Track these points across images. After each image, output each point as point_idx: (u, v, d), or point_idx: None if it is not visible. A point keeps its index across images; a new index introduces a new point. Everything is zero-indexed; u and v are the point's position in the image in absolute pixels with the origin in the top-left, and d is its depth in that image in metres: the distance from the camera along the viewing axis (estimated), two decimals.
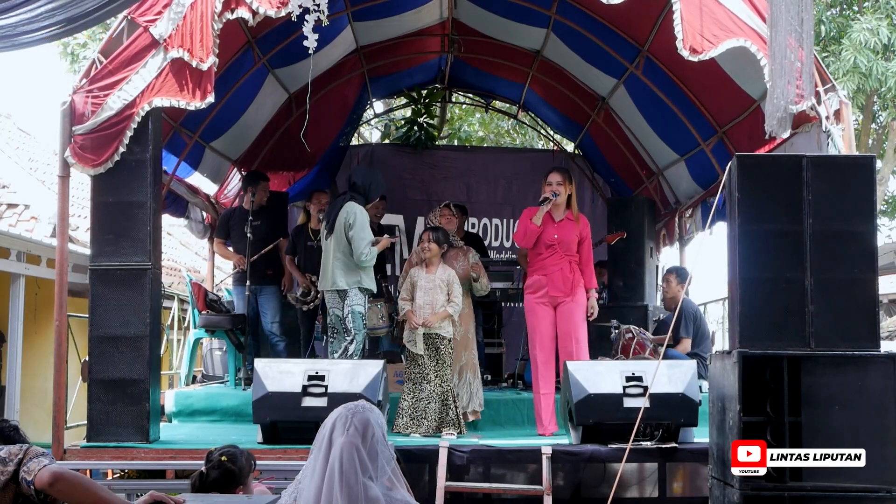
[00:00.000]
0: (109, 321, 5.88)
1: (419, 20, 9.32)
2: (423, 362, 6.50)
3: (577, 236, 6.62)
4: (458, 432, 6.47)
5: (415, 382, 6.54)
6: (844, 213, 4.73)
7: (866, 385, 4.55)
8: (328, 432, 2.49)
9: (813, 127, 5.94)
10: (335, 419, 2.51)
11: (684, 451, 5.84)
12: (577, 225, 6.64)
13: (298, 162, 9.87)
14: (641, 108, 8.91)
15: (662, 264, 10.01)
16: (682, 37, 5.85)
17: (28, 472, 2.91)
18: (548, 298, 6.55)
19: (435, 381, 6.48)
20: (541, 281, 6.57)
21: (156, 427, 6.06)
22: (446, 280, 6.61)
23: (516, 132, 17.02)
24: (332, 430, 2.48)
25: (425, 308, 6.53)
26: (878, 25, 11.49)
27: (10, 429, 3.52)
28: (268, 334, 8.31)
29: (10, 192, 10.48)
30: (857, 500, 4.48)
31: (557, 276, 6.54)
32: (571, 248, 6.58)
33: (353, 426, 2.48)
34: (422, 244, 6.63)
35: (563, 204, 6.65)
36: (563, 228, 6.62)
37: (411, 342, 6.53)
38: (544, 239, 6.59)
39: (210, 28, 5.79)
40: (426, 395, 6.46)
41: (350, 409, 2.54)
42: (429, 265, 6.64)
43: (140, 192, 5.90)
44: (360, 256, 6.49)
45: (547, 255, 6.58)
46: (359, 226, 6.52)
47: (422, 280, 6.60)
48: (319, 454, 2.47)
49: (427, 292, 6.56)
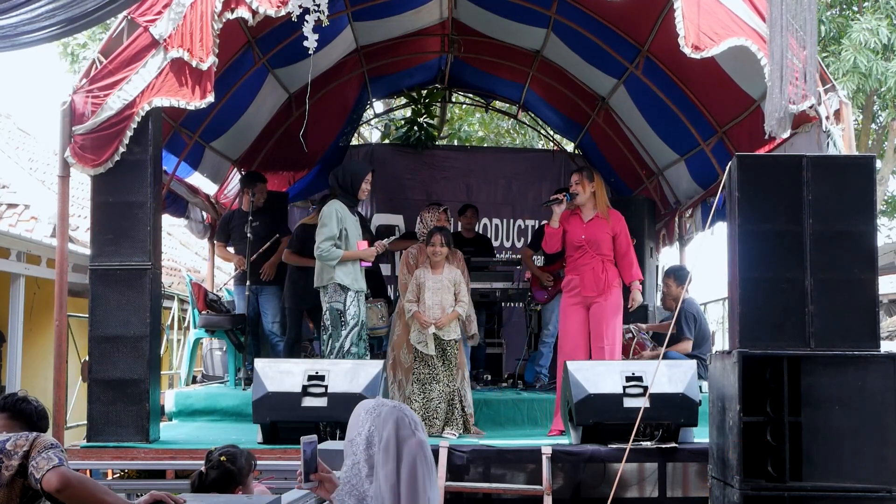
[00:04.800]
0: (109, 321, 5.88)
1: (419, 20, 9.32)
2: (434, 363, 6.49)
3: (608, 234, 6.59)
4: (462, 432, 6.46)
5: (424, 383, 6.49)
6: (844, 213, 4.73)
7: (866, 385, 4.55)
8: (393, 431, 2.40)
9: (813, 127, 5.94)
10: (387, 417, 2.41)
11: (684, 451, 5.84)
12: (607, 222, 6.62)
13: (298, 162, 9.87)
14: (641, 108, 8.91)
15: (662, 264, 10.01)
16: (685, 34, 5.85)
17: (37, 468, 2.84)
18: (581, 298, 6.57)
19: (444, 382, 6.48)
20: (574, 281, 6.63)
21: (156, 427, 6.06)
22: (453, 280, 6.62)
23: (516, 132, 17.03)
24: (397, 430, 2.40)
25: (434, 309, 6.52)
26: (877, 25, 11.48)
27: (20, 401, 3.42)
28: (268, 334, 8.31)
29: (10, 192, 10.47)
30: (857, 500, 4.48)
31: (589, 276, 6.55)
32: (602, 247, 6.56)
33: (416, 425, 2.43)
34: (432, 248, 6.60)
35: (589, 203, 6.65)
36: (591, 228, 6.61)
37: (422, 343, 6.50)
38: (572, 240, 6.64)
39: (210, 28, 5.79)
40: (436, 396, 6.44)
41: (395, 406, 2.45)
42: (435, 266, 6.63)
43: (140, 192, 5.90)
44: (315, 251, 6.46)
45: (577, 255, 6.63)
46: (321, 221, 6.53)
47: (429, 281, 6.58)
48: (388, 455, 2.37)
49: (436, 293, 6.55)
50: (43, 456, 2.87)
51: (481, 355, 8.78)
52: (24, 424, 3.33)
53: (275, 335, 8.27)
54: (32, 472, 2.84)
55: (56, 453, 2.93)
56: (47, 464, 2.84)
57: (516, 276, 8.69)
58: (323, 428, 5.82)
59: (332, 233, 6.42)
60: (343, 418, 5.78)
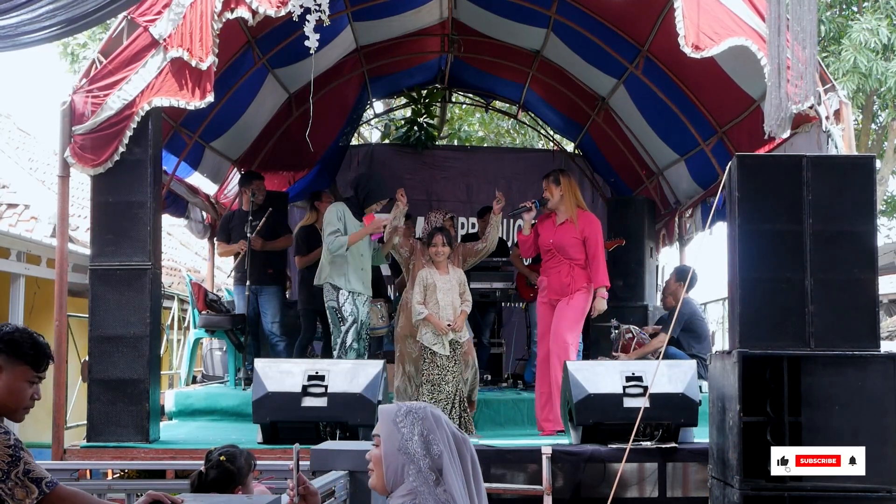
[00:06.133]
0: (109, 321, 5.88)
1: (419, 20, 9.32)
2: (444, 363, 6.46)
3: (576, 238, 6.57)
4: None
5: (434, 384, 6.44)
6: (844, 213, 4.73)
7: (866, 385, 4.55)
8: (448, 431, 2.38)
9: (813, 127, 5.94)
10: (431, 417, 2.37)
11: (684, 451, 5.84)
12: (574, 226, 6.61)
13: (298, 162, 9.87)
14: (641, 108, 8.91)
15: (662, 264, 10.01)
16: (685, 34, 5.85)
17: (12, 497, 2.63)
18: (548, 300, 6.70)
19: (452, 383, 6.46)
20: (543, 282, 6.78)
21: (156, 427, 6.06)
22: (459, 280, 6.64)
23: (516, 132, 17.02)
24: (450, 428, 2.39)
25: (447, 309, 6.50)
26: (877, 25, 11.47)
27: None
28: (268, 334, 8.30)
29: (10, 192, 10.47)
30: (857, 500, 4.48)
31: (555, 279, 6.65)
32: (569, 251, 6.57)
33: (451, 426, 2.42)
34: (434, 248, 6.59)
35: (562, 206, 6.66)
36: (559, 232, 6.64)
37: (437, 344, 6.47)
38: (543, 244, 6.74)
39: (210, 28, 5.79)
40: (444, 397, 6.41)
41: (426, 406, 2.43)
42: (440, 267, 6.62)
43: (140, 192, 5.90)
44: (327, 246, 6.65)
45: (547, 258, 6.75)
46: (324, 222, 6.75)
47: (439, 282, 6.55)
48: (453, 456, 2.35)
49: (446, 293, 6.54)
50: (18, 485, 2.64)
51: (485, 356, 8.78)
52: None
53: (275, 335, 8.27)
54: (8, 501, 2.65)
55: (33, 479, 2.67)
56: (27, 496, 2.64)
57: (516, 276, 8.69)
58: (323, 428, 5.82)
59: (335, 226, 6.59)
60: (343, 418, 5.84)
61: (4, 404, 2.85)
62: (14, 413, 2.88)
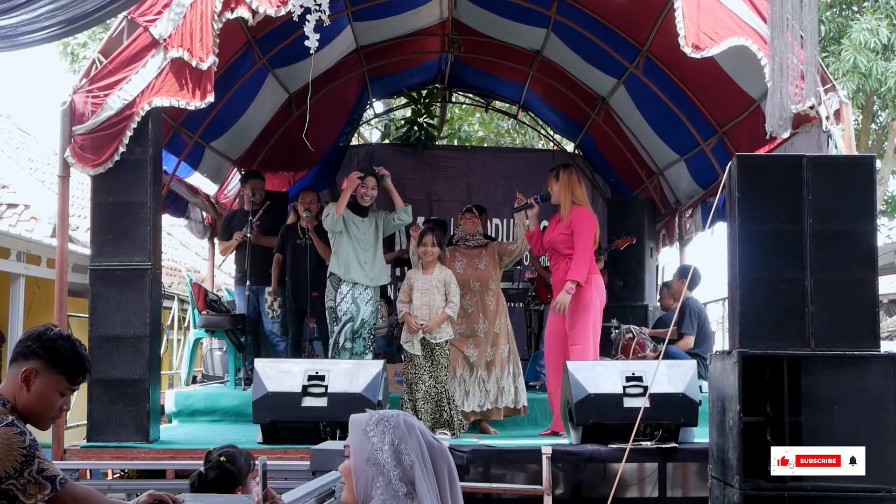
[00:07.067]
0: (109, 321, 5.88)
1: (419, 20, 9.32)
2: (419, 363, 6.48)
3: (564, 233, 6.49)
4: (452, 434, 6.43)
5: (411, 384, 6.52)
6: (844, 213, 4.73)
7: (866, 385, 4.55)
8: (422, 439, 2.24)
9: (813, 127, 5.94)
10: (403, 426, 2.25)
11: (684, 451, 5.84)
12: (565, 222, 6.53)
13: (298, 162, 9.87)
14: (641, 108, 8.91)
15: (662, 264, 10.01)
16: (685, 34, 5.85)
17: (25, 494, 2.62)
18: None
19: (429, 383, 6.46)
20: (552, 282, 6.81)
21: (156, 427, 6.06)
22: (443, 281, 6.57)
23: (516, 132, 17.02)
24: (424, 437, 2.26)
25: (423, 309, 6.51)
26: (877, 25, 11.48)
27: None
28: (268, 334, 8.30)
29: (10, 192, 10.47)
30: (857, 500, 4.48)
31: (556, 278, 6.65)
32: (560, 247, 6.54)
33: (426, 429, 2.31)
34: (423, 248, 6.59)
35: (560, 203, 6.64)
36: (553, 230, 6.63)
37: (409, 343, 6.51)
38: (545, 243, 6.73)
39: (210, 28, 5.79)
40: (421, 396, 6.44)
41: (400, 414, 2.31)
42: (426, 266, 6.61)
43: (140, 192, 5.90)
44: (327, 228, 6.82)
45: (550, 257, 6.77)
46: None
47: (418, 282, 6.58)
48: (425, 466, 2.21)
49: (424, 293, 6.53)
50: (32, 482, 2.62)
51: None
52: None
53: (275, 335, 8.26)
54: (19, 496, 2.61)
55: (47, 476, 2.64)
56: (40, 491, 2.63)
57: (516, 276, 8.68)
58: (323, 428, 5.82)
59: (327, 211, 6.77)
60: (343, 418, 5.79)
61: (33, 411, 2.80)
62: (41, 421, 2.84)
